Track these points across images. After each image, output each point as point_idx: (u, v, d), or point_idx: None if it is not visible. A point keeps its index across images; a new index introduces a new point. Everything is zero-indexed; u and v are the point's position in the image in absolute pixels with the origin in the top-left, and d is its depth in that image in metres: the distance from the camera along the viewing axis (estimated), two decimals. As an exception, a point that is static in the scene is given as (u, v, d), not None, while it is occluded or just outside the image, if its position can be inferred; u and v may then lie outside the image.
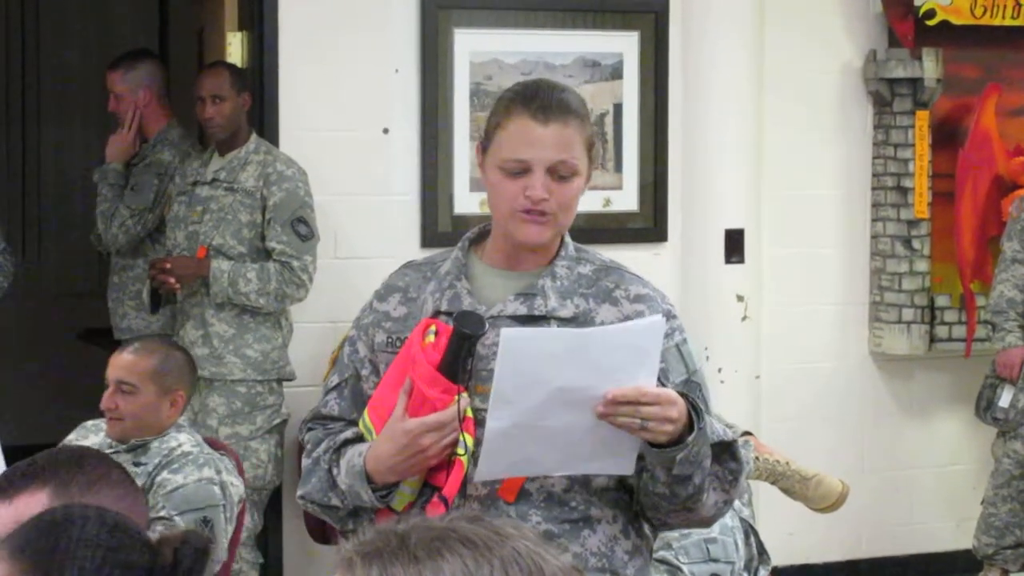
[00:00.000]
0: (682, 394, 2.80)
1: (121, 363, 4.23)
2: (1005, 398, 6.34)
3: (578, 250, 3.02)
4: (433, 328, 2.88)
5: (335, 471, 2.98)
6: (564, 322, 2.91)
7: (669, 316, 2.94)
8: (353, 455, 2.94)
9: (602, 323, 2.91)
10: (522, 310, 2.92)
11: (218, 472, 4.09)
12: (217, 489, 4.05)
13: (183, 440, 4.16)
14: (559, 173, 2.89)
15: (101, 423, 4.30)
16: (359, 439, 2.98)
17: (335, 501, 2.98)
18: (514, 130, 2.90)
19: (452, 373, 2.84)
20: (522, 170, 2.89)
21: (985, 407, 6.43)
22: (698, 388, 2.95)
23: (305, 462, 3.05)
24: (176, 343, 4.92)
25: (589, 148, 2.94)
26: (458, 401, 2.83)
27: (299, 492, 3.05)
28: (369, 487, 2.90)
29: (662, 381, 2.86)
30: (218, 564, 4.09)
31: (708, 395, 2.98)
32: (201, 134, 6.94)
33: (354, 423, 3.01)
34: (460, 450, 2.85)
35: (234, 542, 4.27)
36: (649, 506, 2.92)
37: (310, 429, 3.09)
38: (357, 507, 2.97)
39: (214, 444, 4.32)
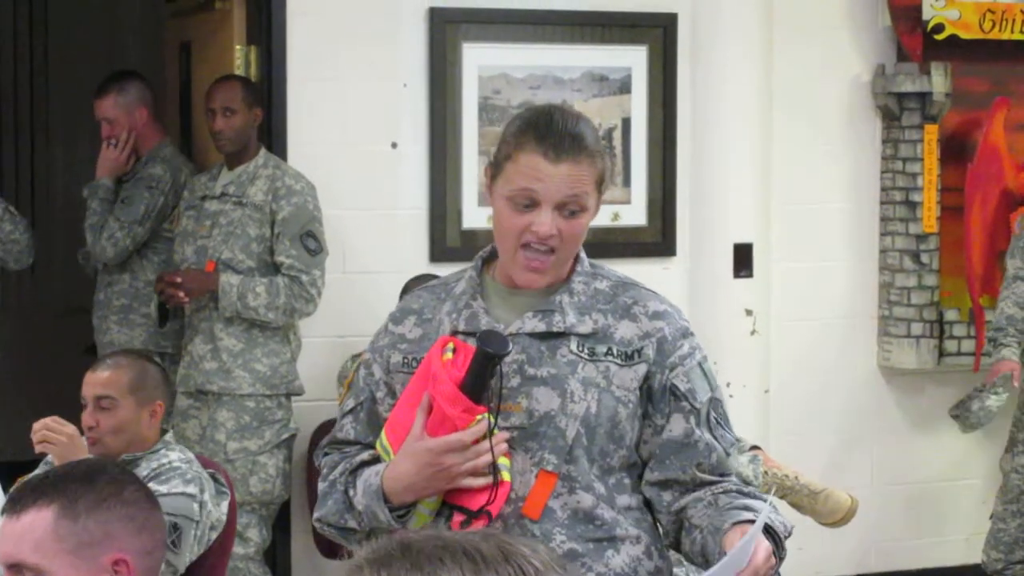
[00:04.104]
0: (766, 527, 2.78)
1: (98, 379, 4.22)
2: (994, 400, 6.30)
3: (593, 266, 3.01)
4: (451, 345, 2.87)
5: (351, 492, 2.96)
6: (583, 338, 2.91)
7: (687, 334, 2.97)
8: (370, 474, 2.93)
9: (621, 339, 2.92)
10: (540, 327, 2.91)
11: (202, 492, 4.08)
12: (196, 506, 4.04)
13: (173, 457, 4.16)
14: (568, 209, 2.87)
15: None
16: (376, 460, 2.96)
17: (352, 523, 2.97)
18: (524, 164, 2.86)
19: (474, 393, 2.83)
20: (530, 203, 2.86)
21: (956, 404, 6.42)
22: (719, 404, 2.97)
23: (320, 485, 3.03)
24: (148, 355, 4.91)
25: (599, 183, 2.91)
26: (487, 420, 2.83)
27: (315, 515, 3.03)
28: (386, 507, 2.88)
29: (694, 406, 2.92)
30: None
31: (726, 408, 3.00)
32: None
33: (370, 446, 3.00)
34: (506, 473, 2.85)
35: (219, 567, 4.24)
36: (688, 554, 2.95)
37: (326, 454, 3.07)
38: (374, 530, 2.94)
39: (206, 463, 4.30)
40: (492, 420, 2.83)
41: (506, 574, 1.51)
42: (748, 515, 2.79)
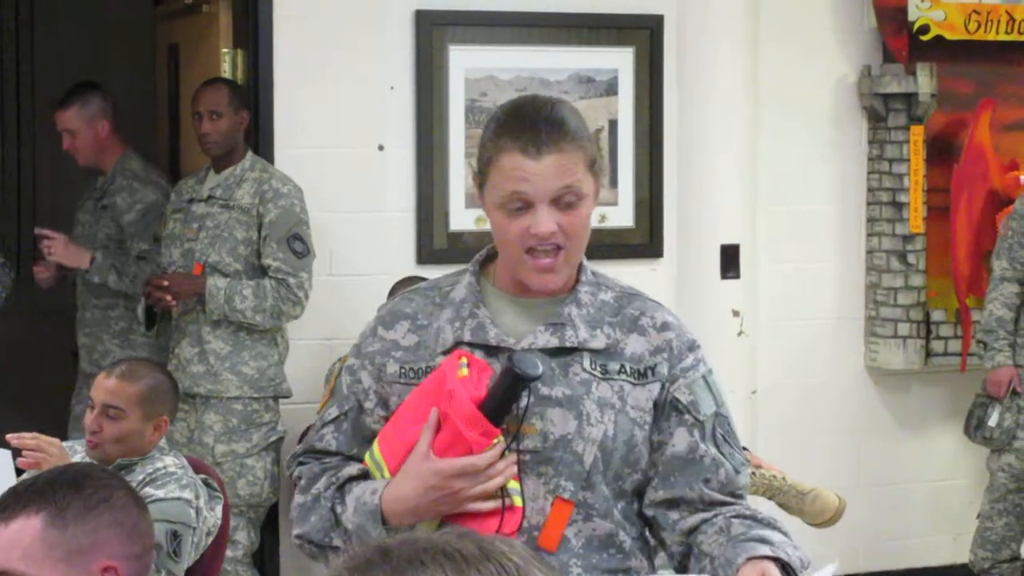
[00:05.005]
0: (774, 558, 2.60)
1: (109, 387, 4.20)
2: (994, 417, 6.34)
3: (595, 275, 2.84)
4: (465, 360, 2.69)
5: (339, 510, 2.78)
6: (595, 354, 2.75)
7: (693, 347, 2.81)
8: (364, 493, 2.74)
9: (632, 355, 2.76)
10: (553, 342, 2.74)
11: (197, 498, 4.09)
12: (192, 512, 4.05)
13: (168, 462, 4.17)
14: (564, 201, 2.68)
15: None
16: (364, 475, 2.79)
17: (337, 542, 2.78)
18: (506, 166, 2.67)
19: (495, 416, 2.65)
20: (523, 206, 2.68)
21: (975, 426, 6.43)
22: (726, 421, 2.80)
23: (300, 499, 2.84)
24: (161, 366, 4.90)
25: (592, 166, 2.72)
26: (503, 444, 2.67)
27: (296, 531, 2.84)
28: (384, 528, 2.70)
29: (698, 419, 2.76)
30: None
31: (734, 426, 2.84)
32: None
33: (353, 459, 2.83)
34: (517, 498, 2.68)
35: (213, 570, 4.27)
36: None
37: (301, 463, 2.88)
38: None
39: (199, 467, 4.32)
40: (508, 442, 2.67)
41: (488, 573, 1.50)
42: (764, 549, 2.60)
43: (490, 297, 2.81)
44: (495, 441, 2.66)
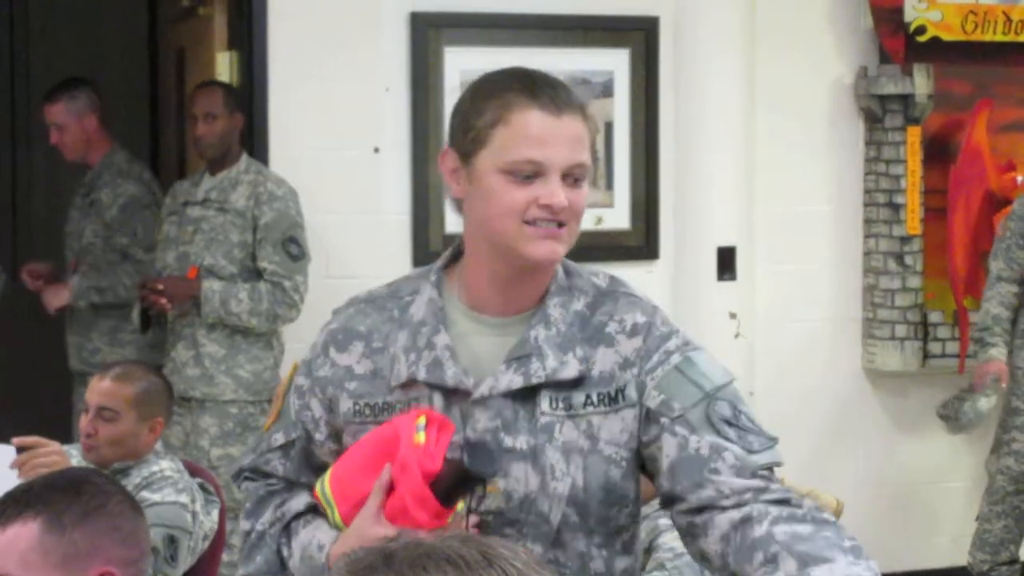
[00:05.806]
0: None
1: (103, 389, 4.20)
2: (969, 403, 6.29)
3: (568, 276, 2.58)
4: (422, 421, 2.43)
5: (286, 553, 2.61)
6: (558, 388, 2.49)
7: (667, 337, 2.54)
8: (311, 545, 2.56)
9: (600, 376, 2.50)
10: (518, 381, 2.47)
11: (193, 501, 4.09)
12: (189, 516, 4.05)
13: (165, 466, 4.17)
14: (573, 176, 2.47)
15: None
16: (311, 509, 2.61)
17: None
18: (523, 125, 2.45)
19: (448, 498, 2.41)
20: (533, 173, 2.45)
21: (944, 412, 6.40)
22: (725, 404, 2.50)
23: (246, 526, 2.67)
24: (155, 368, 4.90)
25: (592, 144, 2.53)
26: (461, 516, 2.44)
27: (241, 572, 2.66)
28: None
29: (673, 417, 2.49)
30: None
31: (745, 408, 2.55)
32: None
33: (300, 484, 2.66)
34: None
35: (209, 575, 4.26)
36: None
37: (247, 479, 2.72)
38: None
39: (195, 470, 4.31)
40: (468, 503, 2.43)
41: None
42: None
43: (453, 315, 2.56)
44: (449, 520, 2.41)
